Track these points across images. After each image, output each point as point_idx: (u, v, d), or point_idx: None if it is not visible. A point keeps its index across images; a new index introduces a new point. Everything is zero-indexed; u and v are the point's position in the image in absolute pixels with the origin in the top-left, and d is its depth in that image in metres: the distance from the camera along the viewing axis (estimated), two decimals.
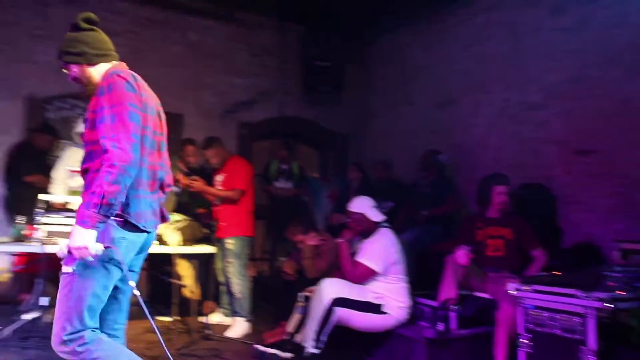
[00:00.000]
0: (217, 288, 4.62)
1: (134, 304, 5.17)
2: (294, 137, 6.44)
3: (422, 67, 5.88)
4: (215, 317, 4.54)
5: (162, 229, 3.92)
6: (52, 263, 4.16)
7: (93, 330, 1.98)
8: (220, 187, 4.39)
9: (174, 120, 5.68)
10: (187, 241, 3.96)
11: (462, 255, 3.35)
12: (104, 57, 2.18)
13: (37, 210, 3.51)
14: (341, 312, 3.30)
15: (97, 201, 1.82)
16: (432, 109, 5.68)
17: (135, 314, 4.51)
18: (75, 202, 3.83)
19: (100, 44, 2.18)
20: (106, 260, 1.95)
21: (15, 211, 4.38)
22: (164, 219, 2.21)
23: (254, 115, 6.25)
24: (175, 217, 4.05)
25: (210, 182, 4.46)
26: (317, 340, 3.26)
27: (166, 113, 5.64)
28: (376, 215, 3.64)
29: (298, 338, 3.51)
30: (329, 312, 3.26)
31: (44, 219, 3.48)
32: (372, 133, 6.63)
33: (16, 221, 3.63)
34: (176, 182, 4.68)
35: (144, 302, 2.01)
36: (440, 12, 5.57)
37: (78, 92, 5.26)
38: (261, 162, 5.81)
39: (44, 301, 3.48)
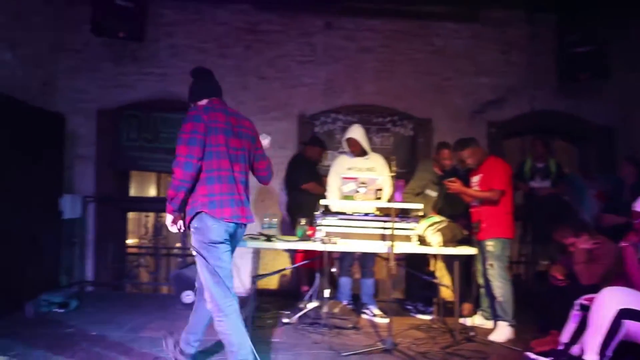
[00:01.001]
0: (477, 290, 4.58)
1: (394, 300, 5.44)
2: (548, 132, 5.99)
3: None
4: (475, 320, 4.50)
5: (423, 230, 4.07)
6: (327, 260, 4.72)
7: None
8: (476, 188, 4.36)
9: (423, 125, 5.90)
10: (447, 242, 4.01)
11: None
12: (202, 95, 2.99)
13: (316, 213, 4.03)
14: (632, 326, 2.93)
15: (168, 199, 2.79)
16: None
17: (397, 310, 4.77)
18: (348, 206, 4.27)
19: (201, 86, 3.03)
20: (206, 242, 2.75)
21: (295, 214, 5.09)
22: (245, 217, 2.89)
23: (503, 114, 6.02)
24: (435, 218, 4.15)
25: (465, 183, 4.46)
26: (602, 355, 2.96)
27: (416, 119, 5.90)
28: None
29: (575, 350, 3.25)
30: (615, 325, 2.93)
31: (322, 221, 3.96)
32: None
33: (300, 223, 4.20)
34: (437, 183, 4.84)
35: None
36: None
37: (339, 107, 5.93)
38: (512, 160, 5.55)
39: (326, 293, 3.95)
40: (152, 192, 7.06)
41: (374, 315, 4.66)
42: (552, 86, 6.00)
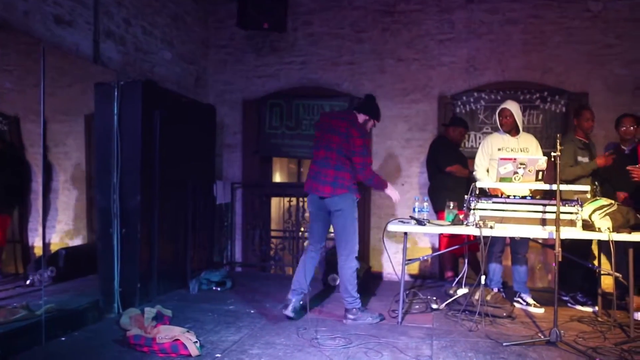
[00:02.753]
0: None
1: (544, 289, 5.04)
2: None
3: None
4: None
5: (589, 214, 3.72)
6: (472, 246, 4.52)
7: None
8: None
9: (577, 100, 5.41)
10: (619, 228, 3.62)
11: None
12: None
13: (468, 196, 3.85)
14: None
15: None
16: None
17: (551, 300, 4.42)
18: (506, 188, 4.04)
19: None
20: None
21: (439, 198, 4.95)
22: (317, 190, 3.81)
23: None
24: (602, 201, 3.77)
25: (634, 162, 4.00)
26: None
27: (569, 93, 5.39)
28: None
29: None
30: None
31: (476, 205, 3.79)
32: None
33: (449, 207, 4.06)
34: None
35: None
36: None
37: (482, 85, 5.63)
38: None
39: (482, 280, 3.79)
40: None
41: (528, 305, 4.39)
42: None
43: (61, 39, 3.85)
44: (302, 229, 5.95)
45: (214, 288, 4.91)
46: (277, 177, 7.83)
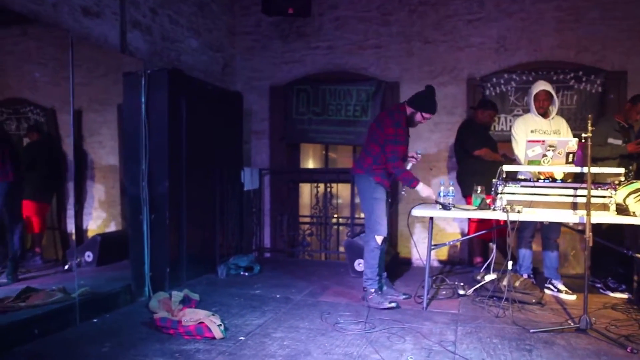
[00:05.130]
0: None
1: (577, 276, 4.90)
2: None
3: None
4: None
5: (623, 197, 3.58)
6: (501, 230, 4.42)
7: None
8: None
9: (615, 79, 5.17)
10: None
11: None
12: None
13: (494, 180, 3.76)
14: None
15: None
16: None
17: (583, 286, 4.27)
18: (533, 171, 3.93)
19: None
20: None
21: (467, 182, 4.85)
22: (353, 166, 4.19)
23: None
24: (637, 185, 3.61)
25: None
26: None
27: (606, 72, 5.17)
28: None
29: None
30: None
31: (503, 188, 3.70)
32: None
33: (477, 191, 3.97)
34: None
35: None
36: None
37: (513, 66, 5.45)
38: None
39: (509, 265, 3.72)
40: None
41: (559, 291, 4.27)
42: None
43: (89, 30, 3.94)
44: (335, 215, 5.97)
45: (242, 273, 4.98)
46: (310, 164, 7.81)
